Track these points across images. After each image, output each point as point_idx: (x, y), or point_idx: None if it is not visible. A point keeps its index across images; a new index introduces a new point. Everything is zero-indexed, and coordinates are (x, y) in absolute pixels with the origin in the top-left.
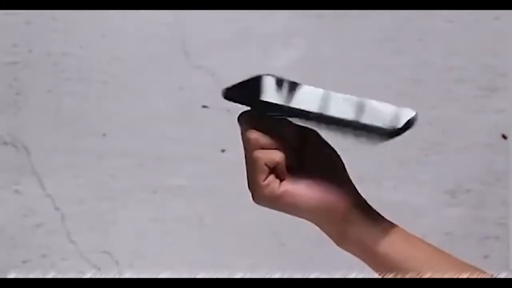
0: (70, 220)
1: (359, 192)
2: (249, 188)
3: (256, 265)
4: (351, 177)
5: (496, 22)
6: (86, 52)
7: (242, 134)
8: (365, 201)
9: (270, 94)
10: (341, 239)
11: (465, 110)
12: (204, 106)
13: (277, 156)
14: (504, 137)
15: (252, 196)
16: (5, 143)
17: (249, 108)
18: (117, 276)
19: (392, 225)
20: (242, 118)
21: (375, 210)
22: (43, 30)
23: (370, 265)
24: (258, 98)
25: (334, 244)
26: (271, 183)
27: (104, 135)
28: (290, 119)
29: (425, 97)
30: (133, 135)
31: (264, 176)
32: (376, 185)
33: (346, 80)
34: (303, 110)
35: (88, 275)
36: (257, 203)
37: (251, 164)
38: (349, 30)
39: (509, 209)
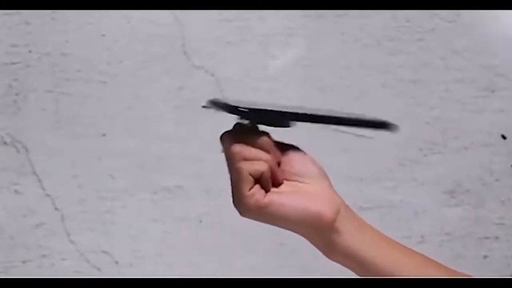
0: (70, 220)
1: (345, 200)
2: (234, 202)
3: (256, 265)
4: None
5: (495, 22)
6: (86, 52)
7: (225, 151)
8: (350, 209)
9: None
10: (329, 249)
11: (465, 110)
12: (204, 106)
13: (261, 166)
14: (504, 137)
15: (238, 208)
16: (5, 143)
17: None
18: (117, 276)
19: (377, 232)
20: (224, 136)
21: (360, 218)
22: (43, 30)
23: (357, 272)
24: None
25: None
26: (256, 194)
27: (104, 135)
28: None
29: (424, 97)
30: (133, 135)
31: (248, 186)
32: (376, 185)
33: (346, 80)
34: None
35: (88, 275)
36: (244, 215)
37: (235, 175)
38: (349, 30)
39: (509, 209)
